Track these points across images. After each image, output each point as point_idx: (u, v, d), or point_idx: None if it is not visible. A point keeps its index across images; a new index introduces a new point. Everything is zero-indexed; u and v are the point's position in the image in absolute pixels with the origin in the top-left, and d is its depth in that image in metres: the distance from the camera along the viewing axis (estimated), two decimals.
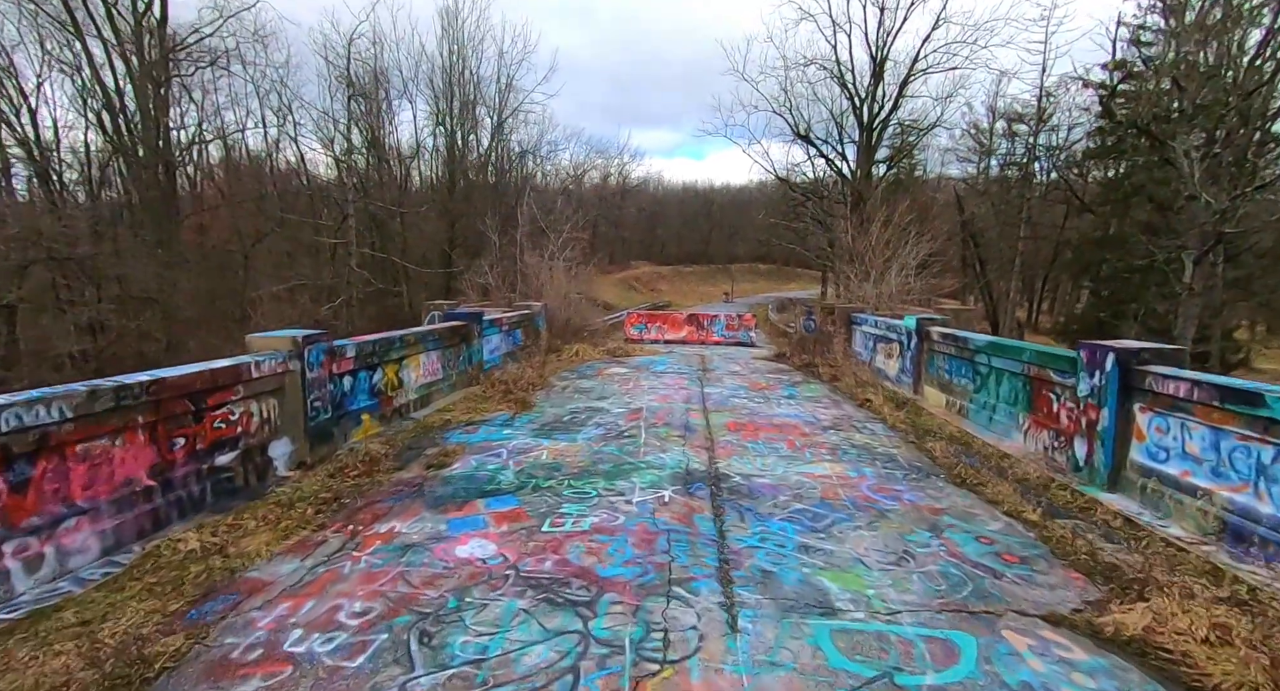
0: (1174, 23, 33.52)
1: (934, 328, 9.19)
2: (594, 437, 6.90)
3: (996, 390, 7.19)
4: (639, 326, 19.59)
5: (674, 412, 8.22)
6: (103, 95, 21.91)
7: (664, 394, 9.62)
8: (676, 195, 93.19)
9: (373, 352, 7.11)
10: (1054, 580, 3.66)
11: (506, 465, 5.85)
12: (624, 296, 57.21)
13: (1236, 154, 18.60)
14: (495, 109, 40.08)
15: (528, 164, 49.19)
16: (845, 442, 6.83)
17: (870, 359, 12.11)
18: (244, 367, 4.92)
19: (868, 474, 5.70)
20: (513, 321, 12.97)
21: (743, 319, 19.49)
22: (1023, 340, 12.47)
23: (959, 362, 8.22)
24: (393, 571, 3.64)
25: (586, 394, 9.62)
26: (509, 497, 4.95)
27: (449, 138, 37.57)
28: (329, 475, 5.39)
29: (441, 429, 7.34)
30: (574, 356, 13.85)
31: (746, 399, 9.35)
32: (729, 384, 10.76)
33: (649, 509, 4.69)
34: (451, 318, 10.17)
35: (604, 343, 16.39)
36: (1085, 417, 5.31)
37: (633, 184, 69.85)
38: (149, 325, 21.34)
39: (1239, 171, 19.12)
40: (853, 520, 4.56)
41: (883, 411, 8.39)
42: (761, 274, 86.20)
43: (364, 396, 6.98)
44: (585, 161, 57.45)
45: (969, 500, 5.03)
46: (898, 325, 10.58)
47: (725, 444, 6.69)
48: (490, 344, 11.49)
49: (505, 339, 12.48)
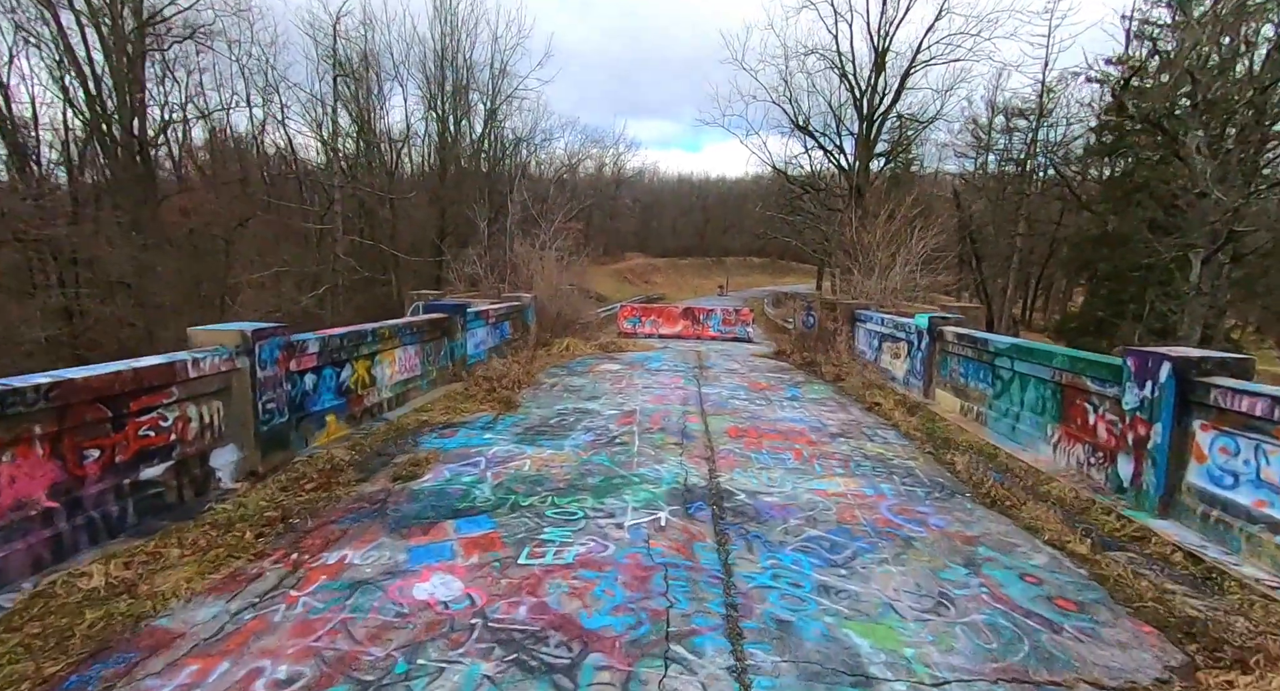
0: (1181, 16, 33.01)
1: (948, 327, 8.62)
2: (583, 445, 6.28)
3: (1020, 397, 6.63)
4: (633, 320, 18.97)
5: (670, 416, 7.62)
6: (75, 70, 20.94)
7: (659, 394, 9.01)
8: (672, 187, 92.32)
9: (340, 347, 6.46)
10: (1123, 636, 3.09)
11: (484, 477, 5.23)
12: (618, 288, 56.53)
13: (1248, 151, 18.11)
14: (489, 95, 39.15)
15: (522, 152, 48.31)
16: (857, 453, 6.25)
17: (875, 358, 11.55)
18: (179, 366, 4.27)
19: (886, 491, 5.12)
20: (500, 314, 12.31)
21: (740, 314, 18.90)
22: (1018, 338, 11.91)
23: (976, 365, 7.66)
24: (334, 618, 3.02)
25: (576, 393, 9.00)
26: (483, 519, 4.33)
27: (441, 123, 36.62)
28: (281, 488, 4.76)
29: (416, 432, 6.71)
30: (564, 351, 13.21)
31: (747, 400, 8.76)
32: (728, 383, 10.16)
33: (643, 535, 4.09)
34: (432, 309, 9.52)
35: (596, 336, 15.77)
36: (1132, 433, 4.74)
37: (628, 175, 68.97)
38: (125, 311, 20.50)
39: (1250, 168, 18.67)
40: (876, 551, 3.98)
41: (894, 416, 7.82)
42: (756, 267, 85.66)
43: (329, 396, 6.33)
44: (580, 151, 56.51)
45: (1003, 526, 4.46)
46: (907, 323, 10.01)
47: (726, 453, 6.09)
48: (475, 338, 10.83)
49: (492, 332, 11.82)
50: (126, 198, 21.11)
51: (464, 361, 9.86)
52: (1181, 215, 27.47)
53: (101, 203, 23.56)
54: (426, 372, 8.71)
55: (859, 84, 34.41)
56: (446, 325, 9.37)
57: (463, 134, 39.19)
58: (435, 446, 6.12)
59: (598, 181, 64.89)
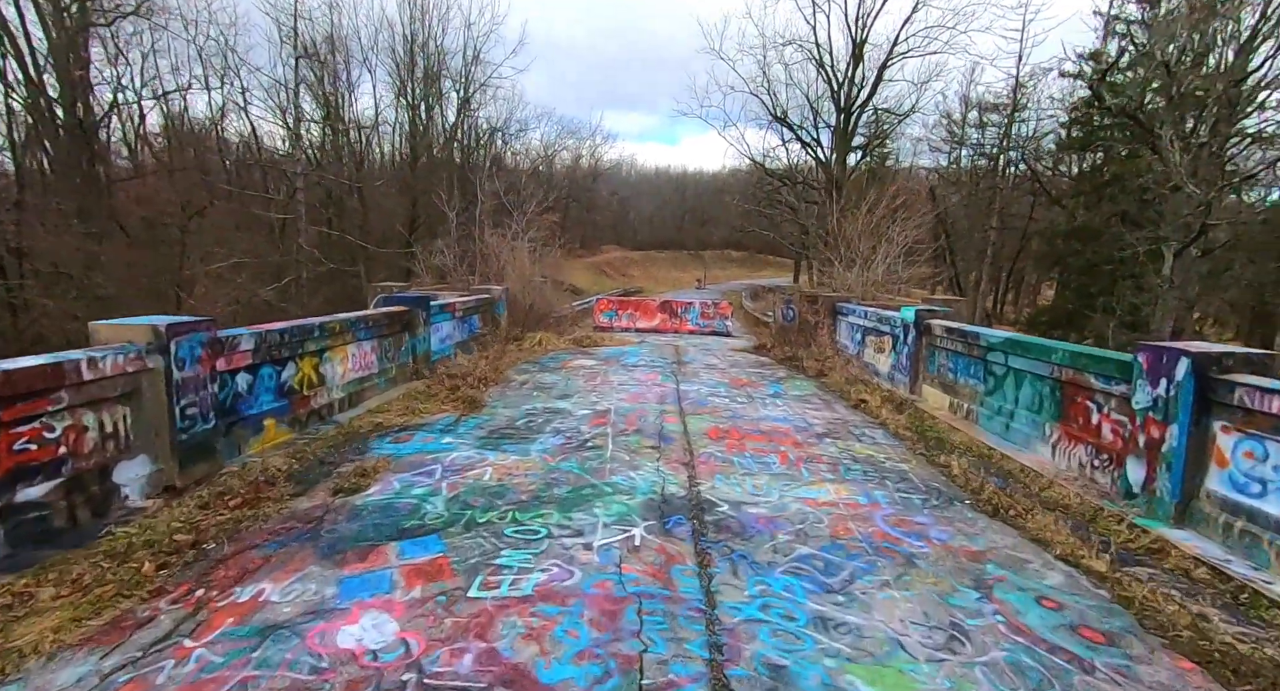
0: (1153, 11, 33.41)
1: (936, 321, 8.27)
2: (551, 449, 5.77)
3: (1015, 394, 6.28)
4: (609, 313, 18.43)
5: (646, 416, 7.13)
6: (10, 45, 19.56)
7: (635, 392, 8.52)
8: (649, 179, 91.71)
9: (280, 344, 5.83)
10: (1162, 674, 2.69)
11: (438, 488, 4.69)
12: (594, 281, 55.85)
13: (1219, 144, 18.21)
14: (461, 82, 38.08)
15: (496, 142, 47.20)
16: (846, 456, 5.84)
17: (858, 352, 11.21)
18: (69, 367, 3.64)
19: (880, 499, 4.71)
20: (468, 307, 11.69)
21: (718, 307, 18.49)
22: (1013, 332, 11.60)
23: (967, 361, 7.31)
24: (233, 678, 2.47)
25: (547, 391, 8.46)
26: (432, 540, 3.80)
27: (411, 110, 35.48)
28: (200, 505, 4.16)
29: (368, 435, 6.12)
30: (536, 346, 12.65)
31: (727, 398, 8.32)
32: (707, 379, 9.71)
33: (614, 557, 3.60)
34: (392, 302, 8.88)
35: (571, 331, 15.22)
36: (1144, 434, 4.39)
37: (605, 167, 68.10)
38: (70, 304, 19.30)
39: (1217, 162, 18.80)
40: (875, 571, 3.55)
41: (881, 414, 7.45)
42: (734, 261, 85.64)
43: (268, 397, 5.71)
44: (556, 142, 55.52)
45: (1010, 538, 4.07)
46: (892, 317, 9.66)
47: (707, 457, 5.63)
48: (440, 332, 10.21)
49: (459, 326, 11.20)
50: (68, 184, 19.84)
51: (427, 358, 9.24)
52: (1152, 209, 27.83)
53: (44, 190, 22.18)
54: (384, 370, 8.09)
55: (836, 76, 34.24)
56: (407, 319, 8.74)
57: (435, 122, 38.12)
58: (387, 453, 5.54)
59: (574, 173, 64.00)
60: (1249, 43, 16.78)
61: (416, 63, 35.33)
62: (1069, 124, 36.70)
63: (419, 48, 34.90)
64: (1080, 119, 35.65)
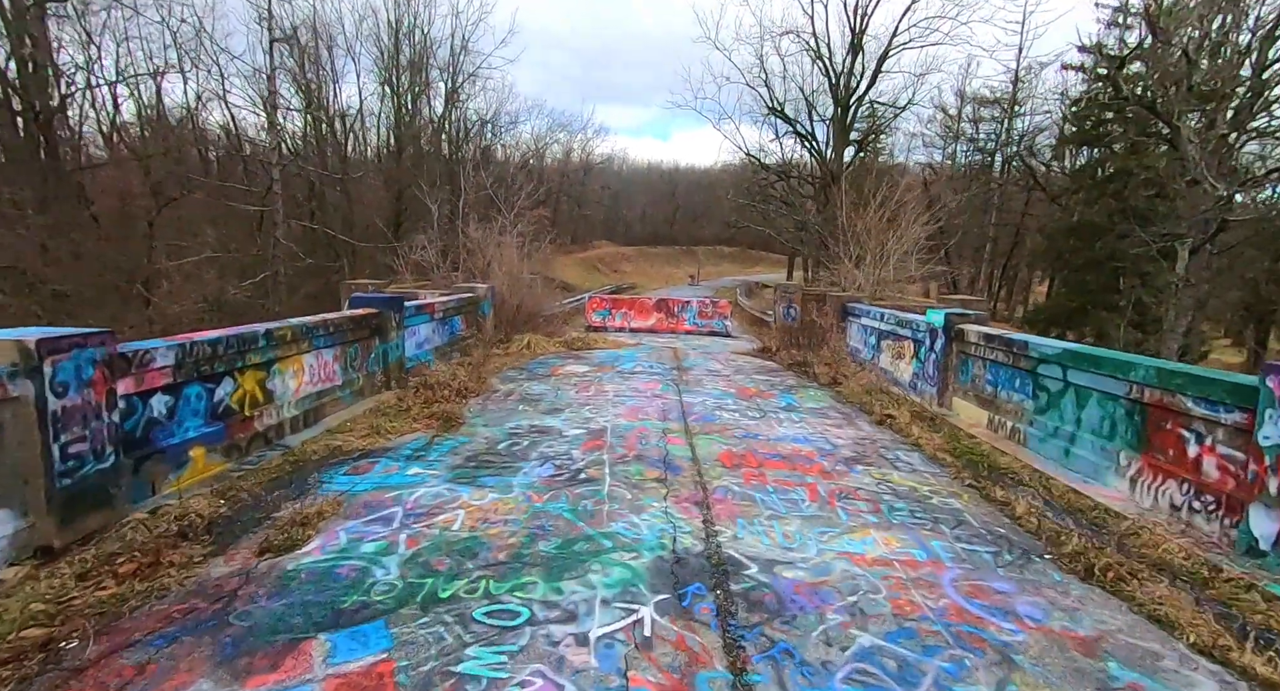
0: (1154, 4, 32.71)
1: (970, 326, 7.41)
2: (537, 483, 4.85)
3: (1075, 414, 5.42)
4: (602, 312, 17.49)
5: (648, 436, 6.22)
6: None
7: (634, 405, 7.60)
8: (642, 174, 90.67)
9: (213, 356, 4.86)
10: None
11: (394, 542, 3.76)
12: (586, 277, 54.88)
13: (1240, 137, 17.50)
14: (449, 72, 36.89)
15: (486, 135, 46.01)
16: (885, 489, 4.96)
17: (873, 358, 10.35)
18: None
19: (942, 554, 3.83)
20: (449, 307, 10.72)
21: (717, 306, 17.60)
22: (1071, 342, 10.70)
23: (1011, 373, 6.45)
24: None
25: (534, 404, 7.53)
26: (375, 629, 2.88)
27: (396, 100, 34.27)
28: (79, 574, 3.21)
29: (321, 464, 5.18)
30: (524, 350, 11.70)
31: (737, 412, 7.42)
32: (711, 388, 8.82)
33: (616, 661, 2.69)
34: (361, 303, 7.90)
35: (562, 331, 14.28)
36: (1277, 479, 3.53)
37: (597, 161, 66.98)
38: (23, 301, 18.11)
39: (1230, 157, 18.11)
40: (965, 676, 2.66)
41: (912, 432, 6.58)
42: (726, 257, 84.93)
43: (196, 422, 4.74)
44: (547, 135, 54.32)
45: (1121, 616, 3.20)
46: (915, 320, 8.80)
47: (723, 493, 4.73)
48: (416, 336, 9.25)
49: (438, 329, 10.24)
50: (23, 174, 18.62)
51: (400, 366, 8.28)
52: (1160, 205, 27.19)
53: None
54: (350, 381, 7.12)
55: (834, 68, 33.41)
56: (377, 323, 7.78)
57: (422, 114, 36.91)
58: (339, 489, 4.60)
59: (565, 167, 62.87)
60: (1274, 30, 16.04)
61: (402, 50, 34.15)
62: (1070, 118, 36.11)
63: (404, 35, 33.73)
64: (1082, 113, 35.08)
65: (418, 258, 13.67)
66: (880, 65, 32.43)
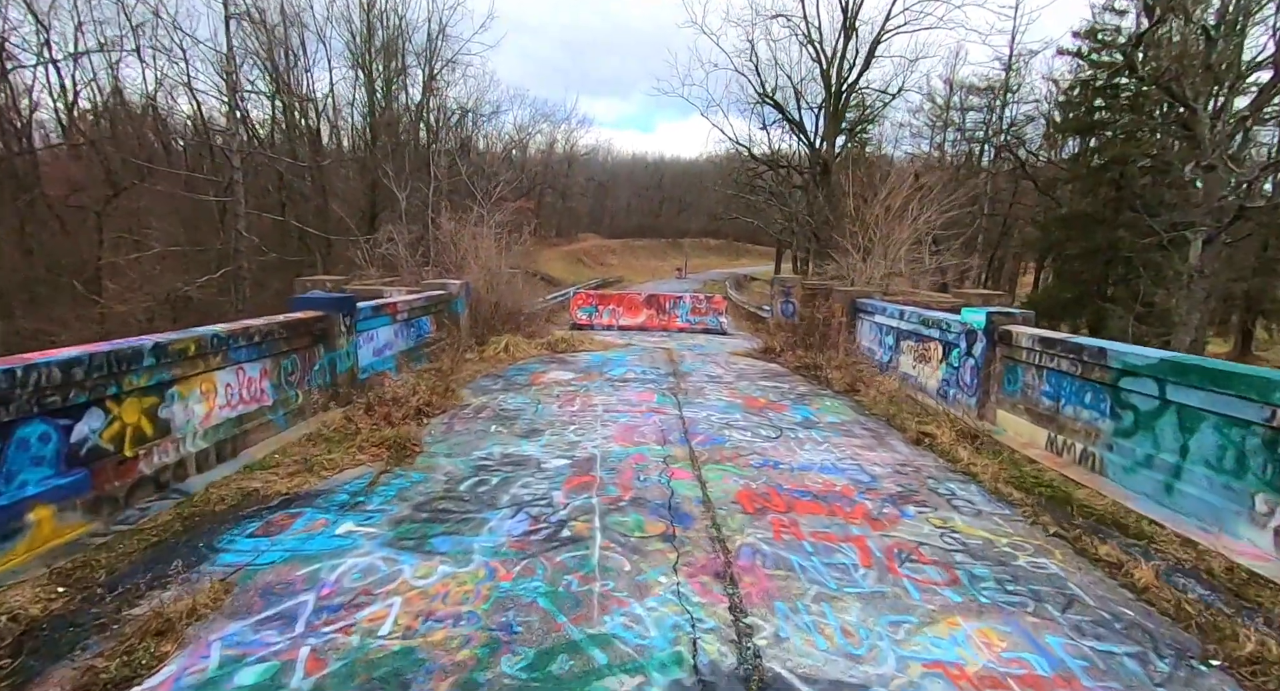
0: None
1: (1019, 328, 6.34)
2: (505, 546, 3.69)
3: (1182, 442, 4.37)
4: (588, 309, 16.29)
5: (647, 469, 5.08)
6: None
7: (626, 423, 6.45)
8: (626, 166, 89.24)
9: (66, 383, 3.63)
10: None
11: (290, 665, 2.59)
12: (570, 270, 53.56)
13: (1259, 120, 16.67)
14: (426, 58, 35.25)
15: (467, 124, 44.37)
16: (953, 541, 3.87)
17: (890, 360, 9.29)
18: None
19: (1069, 661, 2.74)
20: (415, 307, 9.48)
21: (711, 302, 16.48)
22: (1170, 351, 9.48)
23: (1080, 385, 5.39)
24: None
25: (510, 423, 6.36)
26: None
27: (369, 84, 32.58)
28: None
29: (225, 518, 3.98)
30: (502, 353, 10.50)
31: (748, 430, 6.31)
32: (714, 399, 7.70)
33: None
34: (303, 306, 6.66)
35: (544, 331, 13.07)
36: None
37: (581, 152, 65.42)
38: None
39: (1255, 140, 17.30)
40: None
41: (959, 455, 5.52)
42: (712, 249, 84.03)
43: (40, 472, 3.52)
44: (530, 125, 52.69)
45: None
46: (945, 320, 7.73)
47: (749, 556, 3.61)
48: (374, 341, 8.02)
49: (402, 332, 9.01)
50: None
51: (352, 377, 7.06)
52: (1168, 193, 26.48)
53: None
54: (284, 400, 5.90)
55: (825, 53, 32.35)
56: (322, 328, 6.55)
57: (398, 100, 35.27)
58: (237, 562, 3.42)
59: (549, 158, 61.29)
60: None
61: (375, 33, 32.46)
62: (1062, 105, 35.42)
63: (377, 17, 32.02)
64: (1076, 100, 34.39)
65: (385, 251, 12.37)
66: (874, 49, 31.44)
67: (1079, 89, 34.24)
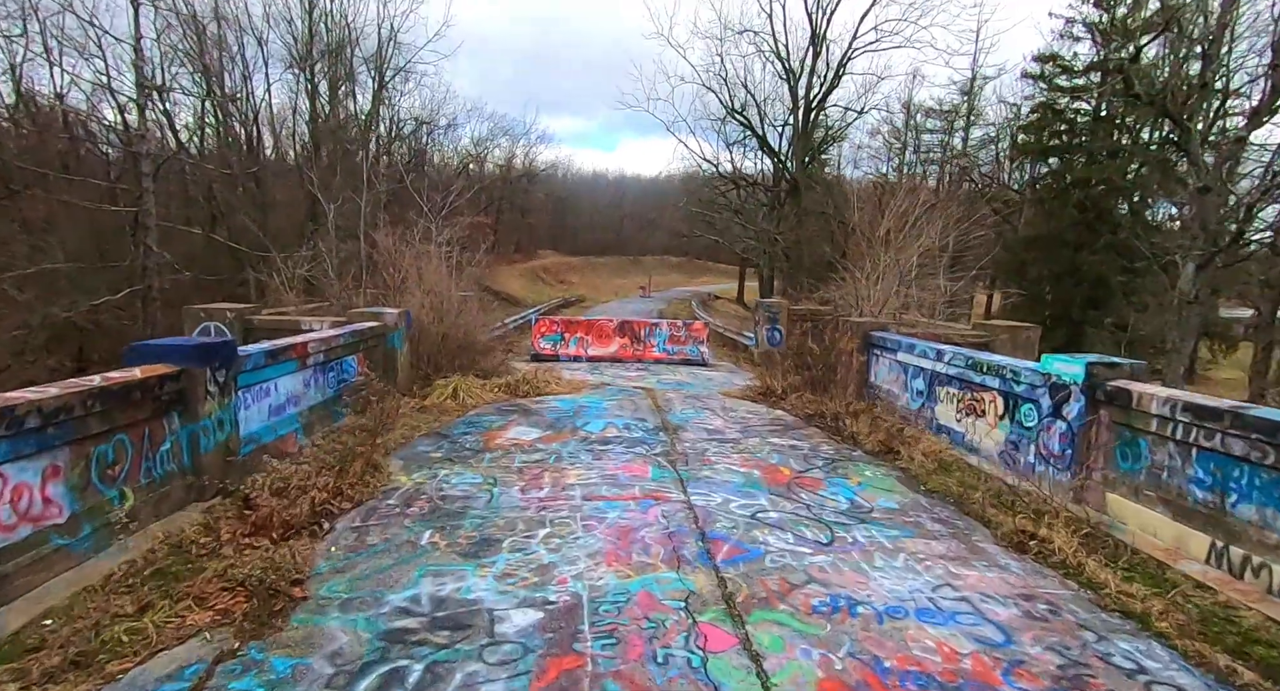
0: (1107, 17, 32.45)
1: (1141, 387, 4.78)
2: None
3: None
4: (552, 337, 14.38)
5: (664, 632, 3.21)
6: None
7: (619, 523, 4.59)
8: (587, 183, 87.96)
9: None
10: None
11: None
12: (530, 288, 51.43)
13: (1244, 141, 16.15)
14: (376, 64, 33.03)
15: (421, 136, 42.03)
16: None
17: (920, 407, 7.73)
18: None
19: None
20: (335, 346, 7.42)
21: (690, 329, 14.78)
22: None
23: (1274, 479, 3.82)
24: None
25: (450, 530, 4.41)
26: None
27: (311, 91, 30.09)
28: None
29: None
30: (449, 400, 8.50)
31: (787, 529, 4.53)
32: (725, 470, 5.92)
33: None
34: (147, 357, 4.60)
35: (502, 367, 11.08)
36: None
37: (541, 167, 63.57)
38: None
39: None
40: None
41: (1099, 578, 3.87)
42: (673, 267, 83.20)
43: None
44: (488, 139, 50.60)
45: None
46: (1007, 365, 6.18)
47: None
48: (271, 396, 5.96)
49: (316, 379, 6.94)
50: None
51: (226, 455, 4.98)
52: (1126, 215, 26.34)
53: None
54: (92, 511, 3.83)
55: (793, 70, 31.64)
56: (173, 390, 4.50)
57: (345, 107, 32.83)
58: None
59: (508, 174, 59.26)
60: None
61: (318, 35, 30.08)
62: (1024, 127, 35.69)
63: (320, 18, 29.65)
64: (1036, 123, 34.63)
65: (306, 273, 10.22)
66: (842, 67, 30.85)
67: (1039, 113, 34.55)
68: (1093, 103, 31.52)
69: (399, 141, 40.50)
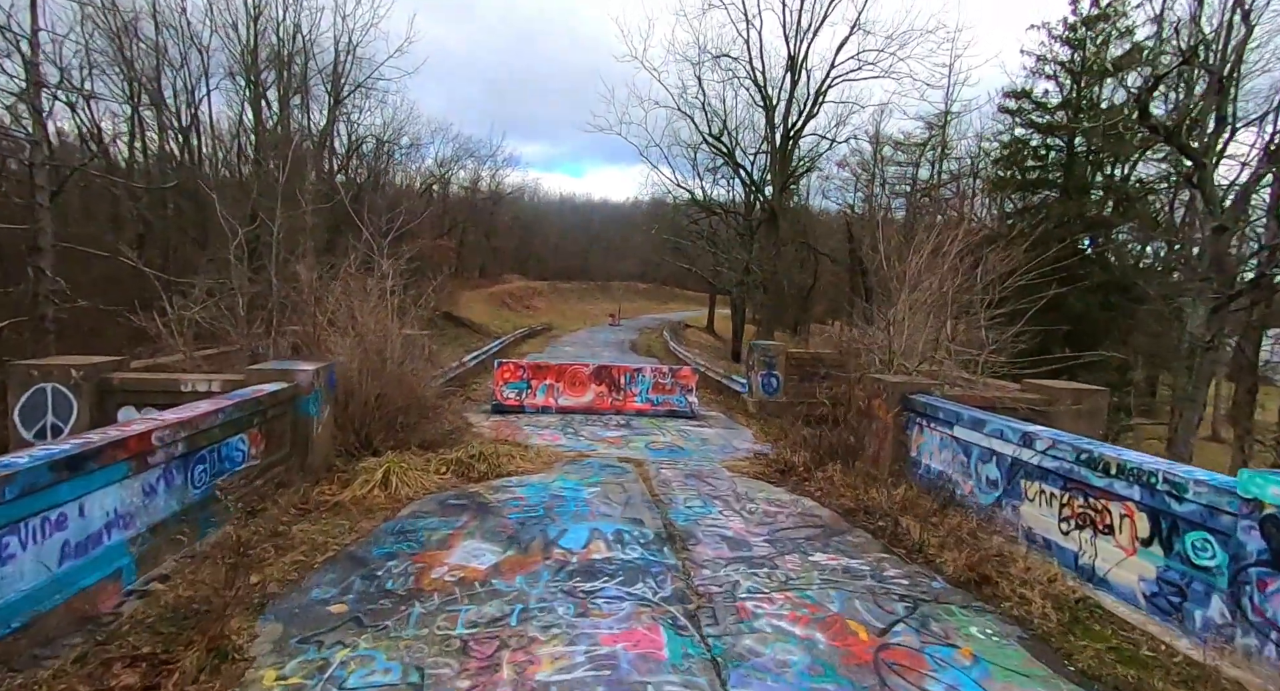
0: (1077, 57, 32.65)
1: None
2: None
3: None
4: (516, 385, 12.31)
5: None
6: None
7: None
8: (555, 207, 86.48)
9: None
10: None
11: None
12: (494, 314, 49.00)
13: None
14: (331, 77, 30.85)
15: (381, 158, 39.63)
16: None
17: (993, 502, 5.95)
18: None
19: None
20: (204, 430, 5.22)
21: (677, 375, 12.89)
22: None
23: None
24: None
25: None
26: None
27: (255, 102, 27.67)
28: None
29: None
30: (376, 490, 6.33)
31: None
32: (772, 632, 3.95)
33: None
34: None
35: (453, 433, 8.95)
36: None
37: (507, 190, 61.69)
38: None
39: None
40: None
41: None
42: (642, 293, 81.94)
43: None
44: (453, 160, 48.51)
45: None
46: (1170, 475, 4.42)
47: None
48: (62, 532, 3.75)
49: (169, 480, 4.73)
50: None
51: None
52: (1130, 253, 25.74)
53: None
54: None
55: (771, 97, 30.77)
56: None
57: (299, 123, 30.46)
58: None
59: (473, 196, 57.14)
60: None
61: (266, 43, 27.80)
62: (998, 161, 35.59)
63: (264, 25, 27.37)
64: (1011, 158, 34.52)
65: (197, 316, 7.96)
66: (822, 94, 30.08)
67: (1011, 149, 34.51)
68: (1065, 139, 31.53)
69: (358, 160, 38.14)
